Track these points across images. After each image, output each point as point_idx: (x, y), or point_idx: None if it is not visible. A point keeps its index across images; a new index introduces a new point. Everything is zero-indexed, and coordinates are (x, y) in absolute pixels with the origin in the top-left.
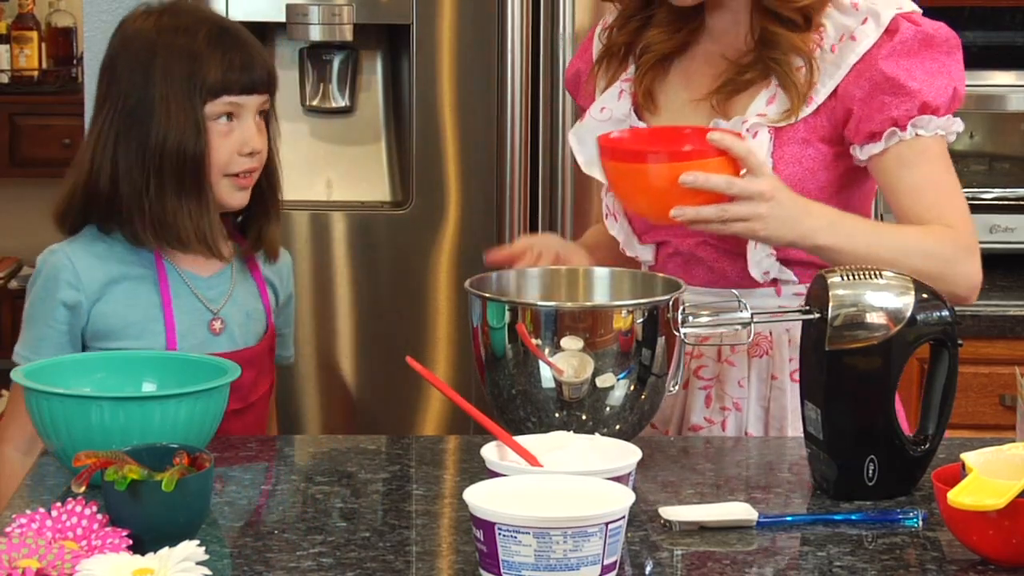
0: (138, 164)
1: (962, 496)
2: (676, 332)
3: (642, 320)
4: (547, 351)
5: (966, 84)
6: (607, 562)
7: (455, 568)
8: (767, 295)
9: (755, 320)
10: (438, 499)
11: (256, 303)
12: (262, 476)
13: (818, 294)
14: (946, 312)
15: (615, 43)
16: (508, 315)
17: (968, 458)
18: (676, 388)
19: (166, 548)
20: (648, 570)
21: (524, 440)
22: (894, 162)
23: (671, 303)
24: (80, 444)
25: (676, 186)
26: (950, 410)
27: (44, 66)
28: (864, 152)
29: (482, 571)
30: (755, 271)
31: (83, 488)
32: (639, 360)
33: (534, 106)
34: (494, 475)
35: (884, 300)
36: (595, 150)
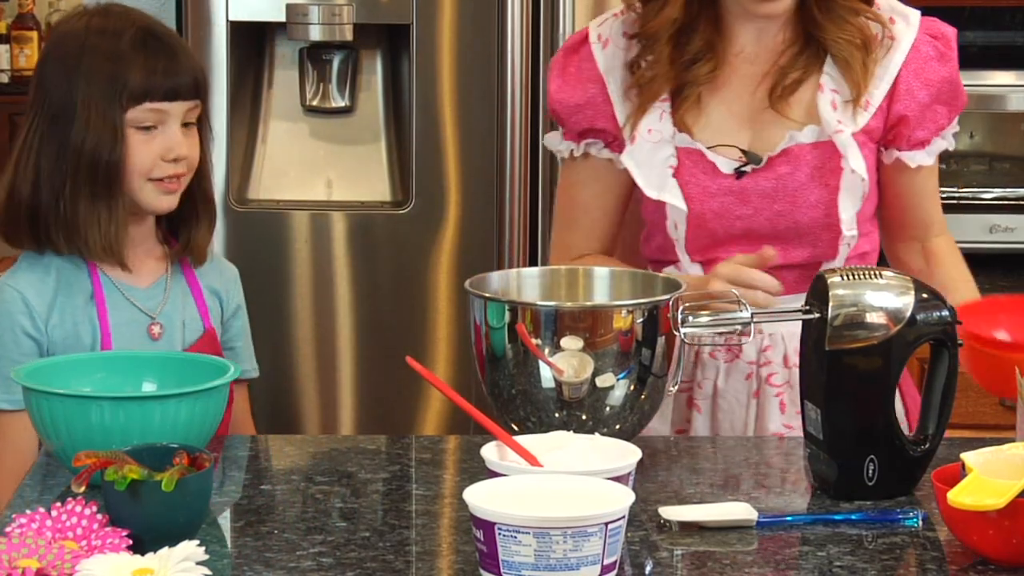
0: (58, 169)
1: (962, 496)
2: (676, 332)
3: (642, 320)
4: (547, 351)
5: (965, 84)
6: (607, 562)
7: (455, 568)
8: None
9: (755, 320)
10: (438, 499)
11: (193, 311)
12: (262, 476)
13: (818, 294)
14: (946, 312)
15: (658, 88)
16: (508, 315)
17: (968, 458)
18: (676, 388)
19: (166, 548)
20: (648, 570)
21: (524, 440)
22: (926, 169)
23: (671, 303)
24: (80, 444)
25: None
26: (950, 410)
27: None
28: (912, 159)
29: (482, 571)
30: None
31: (83, 488)
32: (639, 360)
33: (534, 106)
34: (494, 475)
35: (884, 300)
36: (661, 173)
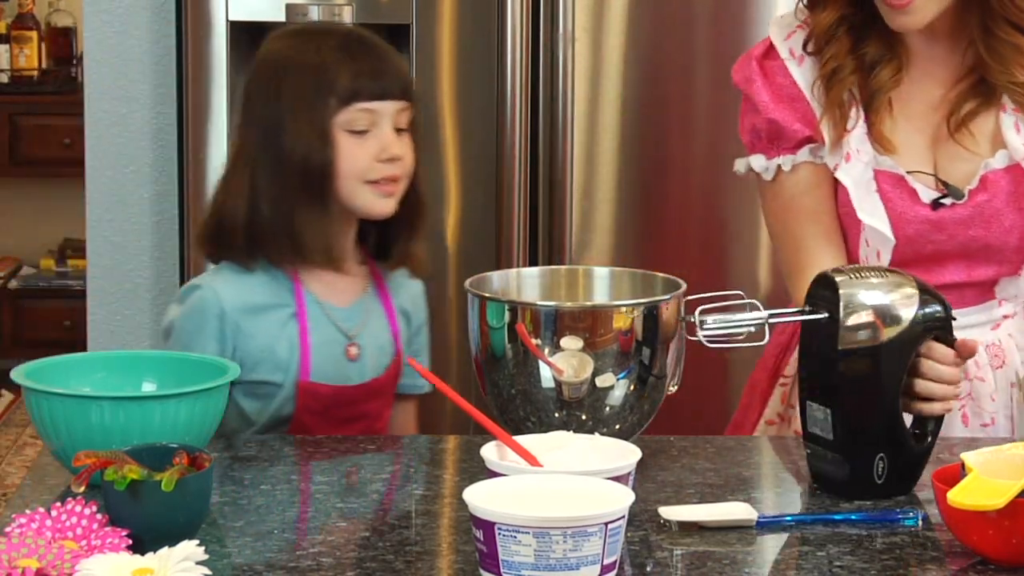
0: (275, 182)
1: (962, 496)
2: (695, 337)
3: (642, 320)
4: (547, 351)
5: None
6: (607, 562)
7: (455, 568)
8: (990, 307)
9: (771, 320)
10: (438, 499)
11: (387, 334)
12: (262, 476)
13: (822, 294)
14: (940, 307)
15: (843, 79)
16: (508, 315)
17: (968, 458)
18: (676, 388)
19: (166, 548)
20: (648, 570)
21: (524, 440)
22: None
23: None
24: (80, 444)
25: None
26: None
27: (44, 66)
28: None
29: (482, 571)
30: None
31: (83, 488)
32: (639, 360)
33: (534, 106)
34: (494, 475)
35: (892, 298)
36: (870, 197)
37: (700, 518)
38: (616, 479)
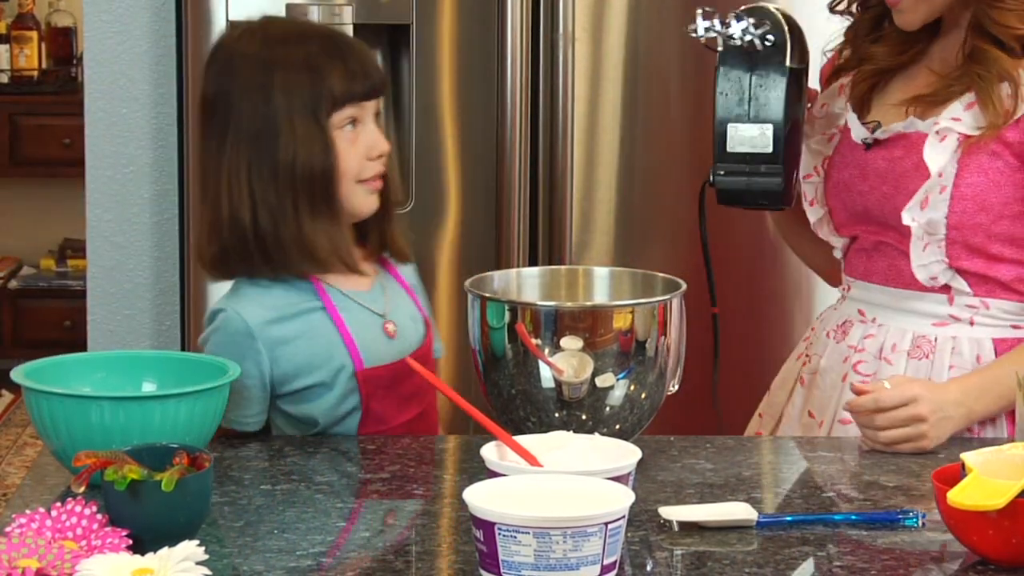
0: (272, 188)
1: (962, 496)
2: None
3: (642, 320)
4: (547, 351)
5: None
6: (607, 562)
7: (455, 568)
8: (938, 301)
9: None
10: (438, 499)
11: (410, 306)
12: (262, 476)
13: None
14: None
15: (846, 66)
16: (508, 315)
17: (968, 458)
18: (676, 388)
19: (166, 548)
20: (648, 570)
21: (524, 440)
22: None
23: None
24: (80, 444)
25: None
26: None
27: (44, 66)
28: None
29: (482, 571)
30: (920, 274)
31: (83, 488)
32: (639, 360)
33: (534, 106)
34: (494, 475)
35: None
36: (812, 142)
37: (700, 518)
38: (616, 479)
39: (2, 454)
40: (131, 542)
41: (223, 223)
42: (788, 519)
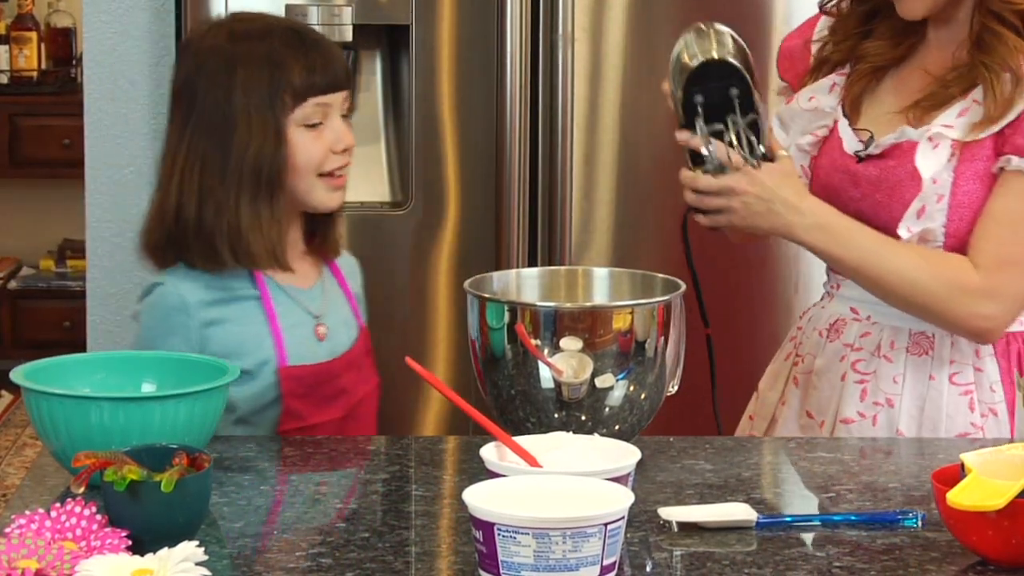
0: (220, 182)
1: (962, 496)
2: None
3: (642, 320)
4: (546, 351)
5: None
6: (606, 563)
7: (455, 568)
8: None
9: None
10: (438, 499)
11: (347, 311)
12: (262, 476)
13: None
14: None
15: (830, 59)
16: (507, 315)
17: (968, 458)
18: (675, 388)
19: (165, 548)
20: (647, 570)
21: (523, 440)
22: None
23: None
24: (80, 444)
25: None
26: None
27: (43, 66)
28: (1009, 162)
29: (481, 571)
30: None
31: (82, 489)
32: (638, 360)
33: (534, 106)
34: (493, 475)
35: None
36: (798, 137)
37: (700, 519)
38: (616, 480)
39: (2, 455)
40: (131, 543)
41: (170, 212)
42: (788, 520)
